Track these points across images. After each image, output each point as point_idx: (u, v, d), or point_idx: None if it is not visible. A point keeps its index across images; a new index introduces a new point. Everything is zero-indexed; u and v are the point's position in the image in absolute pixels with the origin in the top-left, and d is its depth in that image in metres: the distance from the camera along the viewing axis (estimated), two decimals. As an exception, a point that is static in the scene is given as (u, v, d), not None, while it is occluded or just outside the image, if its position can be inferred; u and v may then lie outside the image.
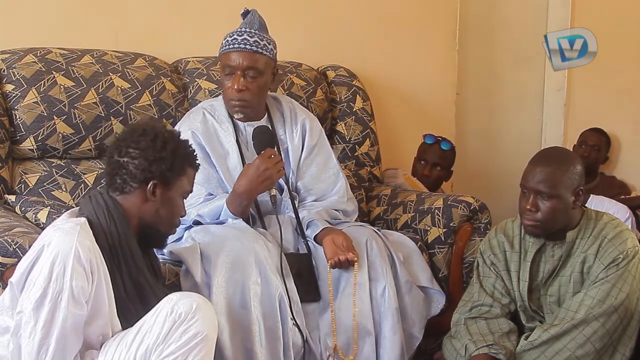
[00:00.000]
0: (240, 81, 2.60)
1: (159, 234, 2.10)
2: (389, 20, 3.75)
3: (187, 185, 2.10)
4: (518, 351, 2.39)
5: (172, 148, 2.03)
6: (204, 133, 2.67)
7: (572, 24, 4.26)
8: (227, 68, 2.63)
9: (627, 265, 2.36)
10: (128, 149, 2.01)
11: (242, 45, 2.60)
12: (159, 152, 2.01)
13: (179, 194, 2.08)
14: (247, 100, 2.64)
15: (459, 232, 2.91)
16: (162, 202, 2.04)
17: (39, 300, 1.81)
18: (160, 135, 2.03)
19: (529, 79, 4.47)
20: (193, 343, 1.87)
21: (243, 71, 2.60)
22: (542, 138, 4.48)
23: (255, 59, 2.61)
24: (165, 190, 2.04)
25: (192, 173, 2.11)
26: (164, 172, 2.02)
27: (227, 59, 2.62)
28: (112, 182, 2.03)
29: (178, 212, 2.11)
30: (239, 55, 2.60)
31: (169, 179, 2.03)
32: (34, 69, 2.79)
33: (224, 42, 2.65)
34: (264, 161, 2.50)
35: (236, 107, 2.65)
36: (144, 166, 2.00)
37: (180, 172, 2.06)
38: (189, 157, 2.09)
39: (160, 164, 2.01)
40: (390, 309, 2.46)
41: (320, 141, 2.82)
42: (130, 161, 2.00)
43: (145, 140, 2.01)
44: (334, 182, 2.77)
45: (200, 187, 2.61)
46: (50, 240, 1.86)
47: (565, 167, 2.37)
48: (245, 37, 2.61)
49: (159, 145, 2.01)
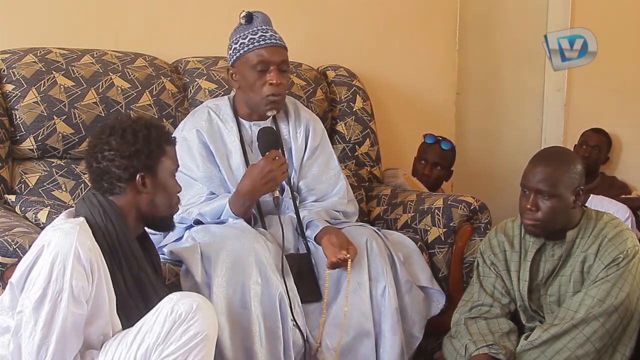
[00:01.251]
0: (278, 75, 2.62)
1: (163, 217, 2.09)
2: (389, 20, 3.75)
3: (171, 164, 2.08)
4: (518, 351, 2.39)
5: (144, 136, 2.01)
6: (208, 132, 2.67)
7: (572, 24, 4.26)
8: (260, 65, 2.61)
9: (627, 264, 2.36)
10: (103, 153, 2.00)
11: (273, 41, 2.63)
12: (132, 145, 1.99)
13: (167, 174, 2.07)
14: (282, 94, 2.67)
15: (459, 232, 2.91)
16: (155, 189, 2.04)
17: (39, 300, 1.81)
18: (128, 128, 2.01)
19: (529, 79, 4.47)
20: (193, 343, 1.87)
21: (278, 66, 2.62)
22: (542, 138, 4.48)
23: (285, 53, 2.66)
24: (153, 178, 2.03)
25: (171, 150, 2.09)
26: (145, 162, 2.01)
27: (259, 56, 2.61)
28: (100, 187, 2.03)
29: (173, 192, 2.10)
30: (274, 50, 2.62)
31: (152, 166, 2.02)
32: (34, 69, 2.79)
33: (247, 40, 2.62)
34: (268, 162, 2.50)
35: (272, 103, 2.65)
36: (125, 164, 1.99)
37: (159, 155, 2.04)
38: (162, 136, 2.07)
39: (138, 156, 2.00)
40: (390, 308, 2.46)
41: (323, 142, 2.83)
42: (109, 164, 1.99)
43: (115, 139, 2.00)
44: (334, 183, 2.77)
45: (202, 186, 2.61)
46: (50, 240, 1.86)
47: (565, 167, 2.37)
48: (271, 33, 2.65)
49: (130, 139, 2.00)
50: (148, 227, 2.11)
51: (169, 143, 2.09)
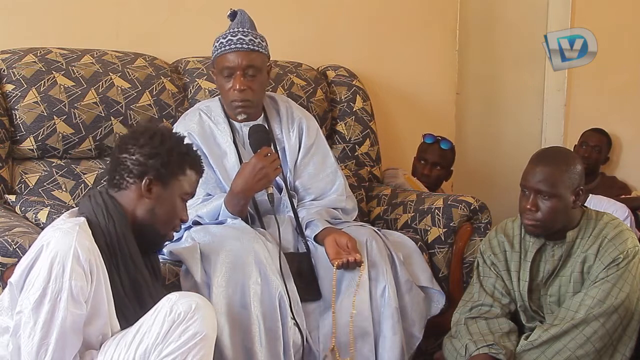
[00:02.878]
0: (241, 80, 2.60)
1: (155, 233, 2.07)
2: (389, 20, 3.75)
3: (186, 187, 2.08)
4: (518, 351, 2.39)
5: (170, 146, 2.03)
6: (200, 134, 2.67)
7: (572, 24, 4.26)
8: (225, 70, 2.62)
9: (627, 265, 2.36)
10: (127, 146, 2.03)
11: (238, 45, 2.60)
12: (155, 148, 2.01)
13: (178, 194, 2.07)
14: (250, 99, 2.64)
15: (459, 232, 2.91)
16: (158, 200, 2.03)
17: (38, 300, 1.81)
18: (159, 133, 2.04)
19: (529, 79, 4.47)
20: (192, 343, 1.87)
21: (243, 70, 2.60)
22: (542, 138, 4.48)
23: (252, 57, 2.61)
24: (162, 189, 2.03)
25: (193, 176, 2.09)
26: (159, 169, 2.01)
27: (224, 61, 2.62)
28: (111, 179, 2.04)
29: (176, 214, 2.09)
30: (237, 55, 2.60)
31: (164, 176, 2.03)
32: (34, 69, 2.79)
33: (217, 44, 2.64)
34: (260, 159, 2.50)
35: (239, 107, 2.65)
36: (140, 161, 2.01)
37: (177, 172, 2.05)
38: (189, 158, 2.08)
39: (156, 160, 2.01)
40: (390, 308, 2.46)
41: (317, 140, 2.82)
42: (128, 157, 2.02)
43: (144, 138, 2.02)
44: (332, 181, 2.77)
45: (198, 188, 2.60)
46: (49, 240, 1.86)
47: (565, 167, 2.37)
48: (239, 37, 2.61)
49: (156, 142, 2.02)
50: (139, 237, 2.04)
51: (194, 169, 2.10)
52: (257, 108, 2.71)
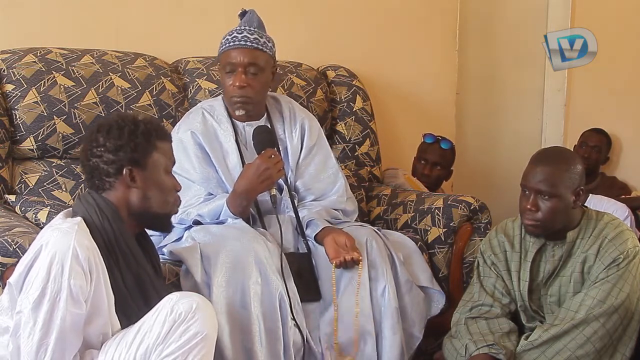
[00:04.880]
0: (241, 77, 2.61)
1: (157, 215, 2.07)
2: (389, 20, 3.75)
3: (164, 160, 2.07)
4: (518, 351, 2.38)
5: (129, 131, 2.01)
6: (203, 133, 2.67)
7: (572, 24, 4.26)
8: (227, 66, 2.63)
9: (627, 265, 2.36)
10: (92, 150, 2.01)
11: (242, 43, 2.61)
12: (118, 140, 1.99)
13: (160, 170, 2.06)
14: (249, 96, 2.64)
15: (459, 232, 2.91)
16: (145, 184, 2.03)
17: (38, 300, 1.81)
18: (114, 124, 2.02)
19: (529, 79, 4.47)
20: (193, 343, 1.87)
21: (244, 68, 2.61)
22: (542, 138, 4.48)
23: (255, 55, 2.62)
24: (142, 172, 2.02)
25: (164, 145, 2.07)
26: (132, 155, 2.00)
27: (227, 57, 2.63)
28: (92, 184, 2.04)
29: (169, 188, 2.08)
30: (240, 52, 2.61)
31: (139, 160, 2.01)
32: (34, 69, 2.79)
33: (223, 41, 2.66)
34: (264, 161, 2.50)
35: (238, 103, 2.65)
36: (111, 159, 1.99)
37: (148, 149, 2.03)
38: (152, 131, 2.05)
39: (124, 150, 1.99)
40: (390, 308, 2.46)
41: (319, 141, 2.82)
42: (98, 160, 2.00)
43: (102, 135, 2.01)
44: (333, 182, 2.77)
45: (199, 187, 2.61)
46: (48, 240, 1.86)
47: (565, 167, 2.37)
48: (245, 34, 2.62)
49: (115, 134, 2.00)
50: (145, 226, 2.10)
51: (162, 139, 2.07)
52: (257, 106, 2.71)
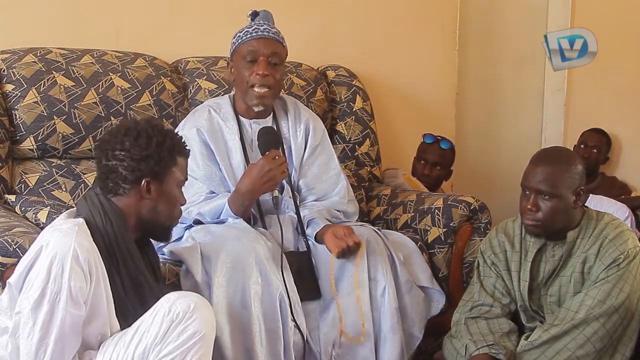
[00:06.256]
0: (265, 66, 2.61)
1: (162, 227, 2.08)
2: (389, 20, 3.75)
3: (180, 175, 2.08)
4: (518, 351, 2.38)
5: (157, 142, 2.00)
6: (209, 130, 2.67)
7: (572, 24, 4.26)
8: (249, 55, 2.62)
9: (627, 265, 2.36)
10: (114, 152, 1.99)
11: (265, 33, 2.63)
12: (144, 150, 1.99)
13: (174, 185, 2.06)
14: (270, 86, 2.63)
15: (459, 232, 2.91)
16: (159, 197, 2.03)
17: (37, 300, 1.81)
18: (143, 132, 2.00)
19: (529, 79, 4.47)
20: (191, 342, 1.87)
21: (267, 57, 2.62)
22: (542, 138, 4.48)
23: (278, 47, 2.65)
24: (159, 185, 2.02)
25: (182, 161, 2.08)
26: (154, 168, 2.00)
27: (249, 47, 2.63)
28: (105, 186, 2.02)
29: (177, 203, 2.09)
30: (264, 42, 2.62)
31: (159, 173, 2.01)
32: (34, 69, 2.79)
33: (241, 34, 2.66)
34: (268, 162, 2.50)
35: (259, 95, 2.63)
36: (133, 166, 1.98)
37: (170, 164, 2.03)
38: (176, 146, 2.06)
39: (148, 161, 1.99)
40: (390, 308, 2.46)
41: (323, 142, 2.83)
42: (118, 164, 1.98)
43: (129, 140, 1.99)
44: (335, 183, 2.78)
45: (202, 185, 2.61)
46: (48, 240, 1.86)
47: (566, 167, 2.37)
48: (266, 27, 2.65)
49: (143, 143, 1.99)
50: (146, 234, 2.09)
51: (182, 154, 2.08)
52: (272, 101, 2.71)
